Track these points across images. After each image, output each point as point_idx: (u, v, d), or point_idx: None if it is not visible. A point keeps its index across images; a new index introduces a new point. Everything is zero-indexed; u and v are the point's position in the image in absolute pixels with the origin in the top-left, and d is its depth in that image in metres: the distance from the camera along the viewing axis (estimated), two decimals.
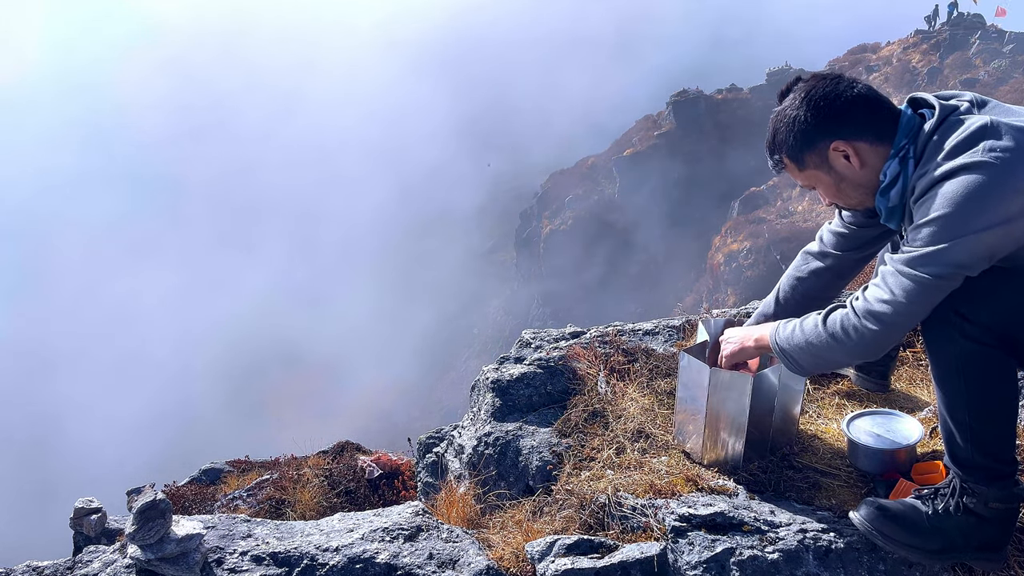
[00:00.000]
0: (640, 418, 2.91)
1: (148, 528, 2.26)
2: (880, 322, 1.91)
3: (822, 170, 2.10)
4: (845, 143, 2.02)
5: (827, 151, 2.05)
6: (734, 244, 38.35)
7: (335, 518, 2.64)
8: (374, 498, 4.98)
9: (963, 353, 1.90)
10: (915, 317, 1.91)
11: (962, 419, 1.95)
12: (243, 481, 5.59)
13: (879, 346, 1.96)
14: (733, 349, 2.46)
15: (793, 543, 2.17)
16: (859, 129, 2.02)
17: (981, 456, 1.96)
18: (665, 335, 3.69)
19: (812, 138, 2.06)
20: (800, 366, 2.14)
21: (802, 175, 2.16)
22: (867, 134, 2.01)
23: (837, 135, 2.03)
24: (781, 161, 2.18)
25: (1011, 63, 35.99)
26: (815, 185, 2.17)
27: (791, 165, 2.16)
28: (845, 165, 2.05)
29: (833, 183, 2.11)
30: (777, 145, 2.16)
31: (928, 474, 2.36)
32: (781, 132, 2.12)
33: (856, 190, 2.10)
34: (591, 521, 2.45)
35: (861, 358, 2.04)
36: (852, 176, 2.06)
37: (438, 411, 41.24)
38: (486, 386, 3.43)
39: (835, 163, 2.06)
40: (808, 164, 2.11)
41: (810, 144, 2.07)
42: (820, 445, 2.68)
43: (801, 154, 2.10)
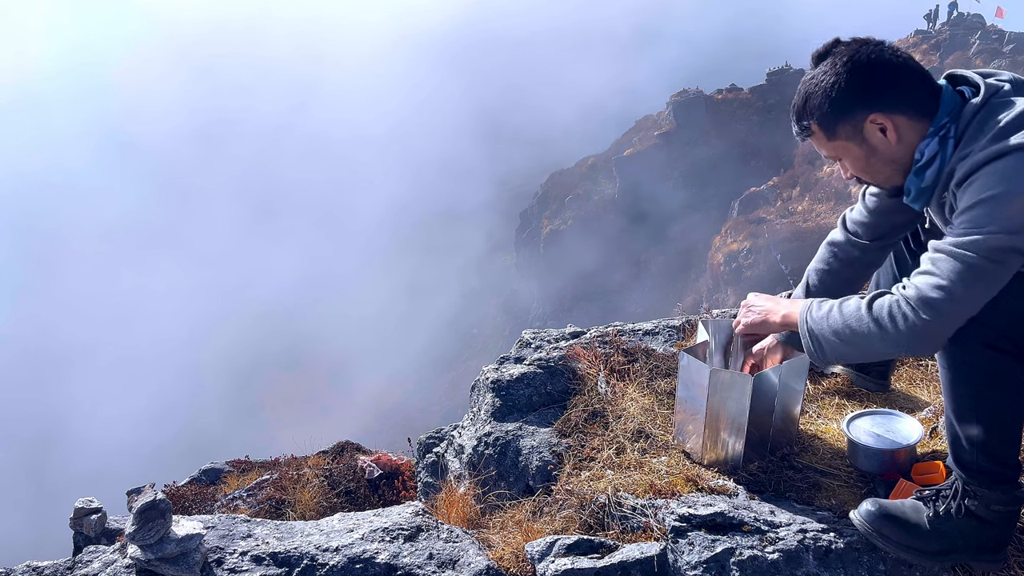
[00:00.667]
0: (640, 418, 2.91)
1: (148, 528, 2.26)
2: (935, 311, 1.77)
3: (854, 142, 1.96)
4: (884, 116, 1.89)
5: (864, 122, 1.92)
6: (734, 244, 38.34)
7: (335, 518, 2.64)
8: (374, 498, 4.98)
9: (976, 358, 1.86)
10: (972, 306, 1.78)
11: (970, 424, 1.93)
12: (243, 481, 5.59)
13: (931, 338, 1.81)
14: (755, 319, 2.32)
15: (793, 543, 2.17)
16: (901, 102, 1.89)
17: (986, 461, 1.94)
18: (665, 335, 3.69)
19: (851, 106, 1.91)
20: (824, 353, 1.99)
21: (830, 145, 2.01)
22: (908, 108, 1.89)
23: (877, 106, 1.89)
24: (809, 128, 2.02)
25: (1011, 63, 35.96)
26: (842, 157, 2.03)
27: (820, 133, 2.01)
28: (881, 139, 1.93)
29: (863, 156, 1.98)
30: (808, 110, 1.99)
31: (928, 474, 2.36)
32: (816, 96, 1.96)
33: (887, 166, 1.98)
34: (591, 521, 2.45)
35: (907, 351, 1.89)
36: (885, 151, 1.94)
37: (438, 411, 41.21)
38: (486, 386, 3.43)
39: (870, 136, 1.93)
40: (840, 134, 1.97)
41: (847, 113, 1.92)
42: (820, 445, 2.68)
43: (834, 123, 1.95)
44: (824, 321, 1.97)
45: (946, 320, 1.78)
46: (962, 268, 1.73)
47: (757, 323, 2.32)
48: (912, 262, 2.62)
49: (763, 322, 2.30)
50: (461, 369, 47.62)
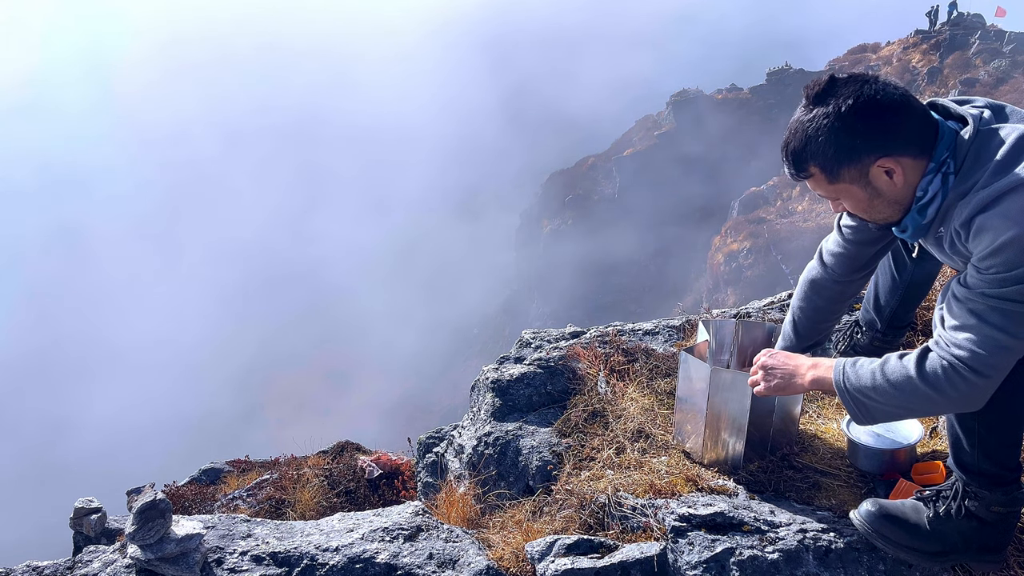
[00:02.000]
0: (640, 418, 2.91)
1: (148, 528, 2.26)
2: (993, 368, 1.73)
3: (858, 185, 1.88)
4: (892, 160, 1.83)
5: (870, 167, 1.84)
6: (734, 244, 38.35)
7: (335, 518, 2.64)
8: (374, 498, 4.98)
9: None
10: (1020, 353, 1.75)
11: (971, 426, 1.93)
12: (243, 481, 5.59)
13: (986, 397, 1.78)
14: (779, 384, 2.18)
15: (793, 543, 2.17)
16: (906, 143, 1.82)
17: (987, 462, 1.94)
18: (665, 335, 3.69)
19: (857, 152, 1.83)
20: (872, 417, 1.92)
21: (831, 188, 1.93)
22: (911, 148, 1.83)
23: (884, 151, 1.82)
24: (808, 170, 1.92)
25: (1011, 63, 35.97)
26: (841, 198, 1.96)
27: (820, 176, 1.91)
28: (887, 183, 1.86)
29: (867, 199, 1.91)
30: (809, 154, 1.88)
31: (928, 474, 2.36)
32: (817, 140, 1.85)
33: (889, 207, 1.92)
34: (591, 521, 2.45)
35: (964, 410, 1.86)
36: (890, 193, 1.88)
37: (438, 411, 41.22)
38: (486, 386, 3.43)
39: (876, 179, 1.86)
40: (843, 178, 1.88)
41: (853, 158, 1.84)
42: (820, 445, 2.68)
43: (838, 167, 1.86)
44: (868, 385, 1.90)
45: (1000, 373, 1.76)
46: (1006, 320, 1.70)
47: (782, 387, 2.18)
48: (910, 263, 2.62)
49: (789, 385, 2.16)
50: (461, 369, 47.63)
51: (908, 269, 2.63)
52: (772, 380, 2.19)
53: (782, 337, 2.74)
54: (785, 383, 2.16)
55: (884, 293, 2.77)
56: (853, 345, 2.99)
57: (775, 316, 3.70)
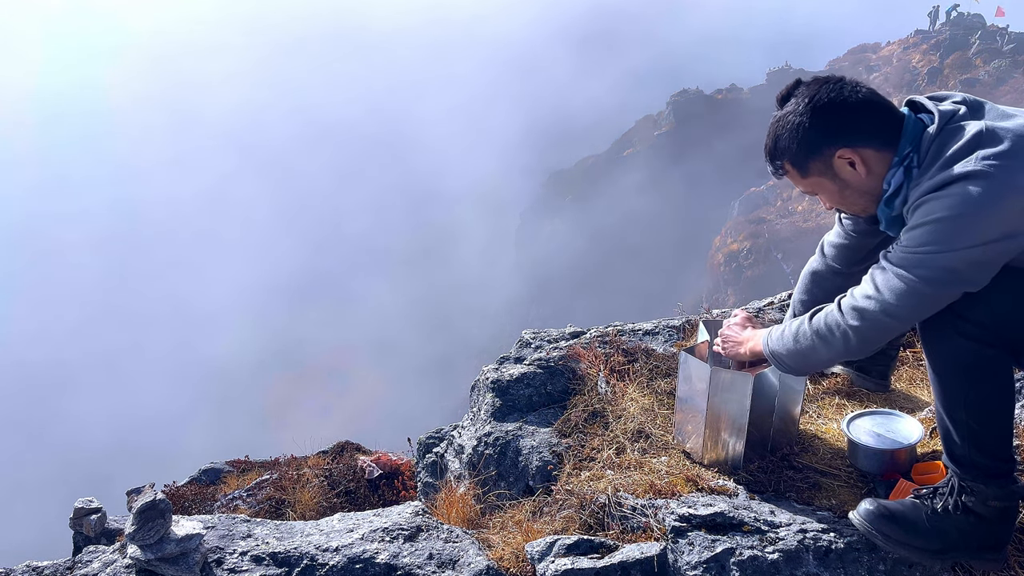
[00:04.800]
0: (640, 418, 2.91)
1: (148, 528, 2.26)
2: (864, 319, 1.91)
3: (826, 177, 2.04)
4: (851, 151, 1.97)
5: (832, 158, 1.99)
6: (734, 244, 38.36)
7: (335, 518, 2.64)
8: (374, 498, 4.98)
9: (960, 351, 1.88)
10: (903, 320, 1.88)
11: (959, 417, 1.94)
12: (243, 481, 5.59)
13: (864, 344, 1.96)
14: (729, 350, 2.55)
15: (793, 543, 2.17)
16: (865, 136, 1.96)
17: (979, 454, 1.95)
18: (665, 335, 3.69)
19: (817, 145, 2.00)
20: (789, 367, 2.19)
21: (805, 182, 2.10)
22: (873, 140, 1.96)
23: (843, 142, 1.97)
24: (783, 167, 2.11)
25: (1011, 63, 36.00)
26: (818, 192, 2.12)
27: (793, 172, 2.10)
28: (851, 173, 2.00)
29: (837, 190, 2.06)
30: (779, 151, 2.09)
31: (928, 474, 2.36)
32: (784, 139, 2.06)
33: (861, 197, 2.05)
34: (591, 521, 2.45)
35: (845, 356, 2.03)
36: (857, 183, 2.01)
37: (438, 411, 41.23)
38: (486, 386, 3.43)
39: (840, 171, 2.01)
40: (812, 171, 2.05)
41: (815, 151, 2.01)
42: (820, 445, 2.67)
43: (805, 161, 2.04)
44: (779, 342, 2.19)
45: (875, 327, 1.91)
46: (896, 284, 1.85)
47: (732, 354, 2.54)
48: None
49: (737, 354, 2.52)
50: (461, 369, 47.63)
51: None
52: (726, 345, 2.57)
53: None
54: (733, 351, 2.53)
55: None
56: None
57: (775, 316, 3.70)
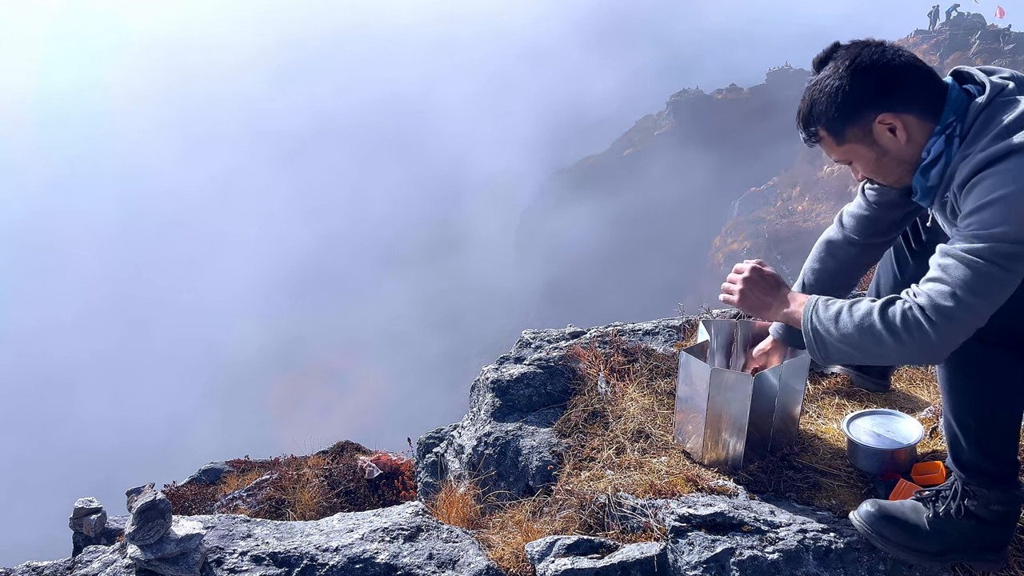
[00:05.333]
0: (640, 418, 2.91)
1: (148, 528, 2.26)
2: (948, 320, 1.72)
3: (863, 144, 1.94)
4: (893, 116, 1.87)
5: (872, 124, 1.90)
6: (734, 244, 38.36)
7: (335, 518, 2.64)
8: (374, 498, 4.98)
9: (972, 356, 1.83)
10: (984, 314, 1.74)
11: (967, 423, 1.92)
12: (243, 481, 5.59)
13: (943, 349, 1.77)
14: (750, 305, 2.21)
15: (793, 543, 2.17)
16: (908, 101, 1.87)
17: (985, 460, 1.94)
18: (665, 335, 3.69)
19: (858, 110, 1.89)
20: (828, 355, 1.94)
21: (839, 149, 1.99)
22: (915, 107, 1.87)
23: (885, 107, 1.87)
24: (817, 134, 2.00)
25: (1011, 63, 35.98)
26: (852, 160, 2.01)
27: (828, 139, 1.98)
28: (890, 139, 1.91)
29: (874, 158, 1.96)
30: (815, 117, 1.97)
31: (928, 474, 2.36)
32: (821, 103, 1.94)
33: (898, 166, 1.96)
34: (591, 521, 2.45)
35: (917, 361, 1.87)
36: (896, 151, 1.92)
37: (438, 411, 41.23)
38: (486, 386, 3.43)
39: (880, 137, 1.91)
40: (849, 138, 1.95)
41: (855, 116, 1.90)
42: (820, 445, 2.67)
43: (843, 127, 1.93)
44: (832, 323, 1.91)
45: (959, 329, 1.74)
46: (973, 275, 1.70)
47: (755, 305, 2.21)
48: (912, 260, 2.61)
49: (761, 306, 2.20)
50: (461, 369, 47.62)
51: (911, 266, 2.61)
52: (746, 299, 2.21)
53: None
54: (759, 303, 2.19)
55: (885, 292, 2.76)
56: None
57: None
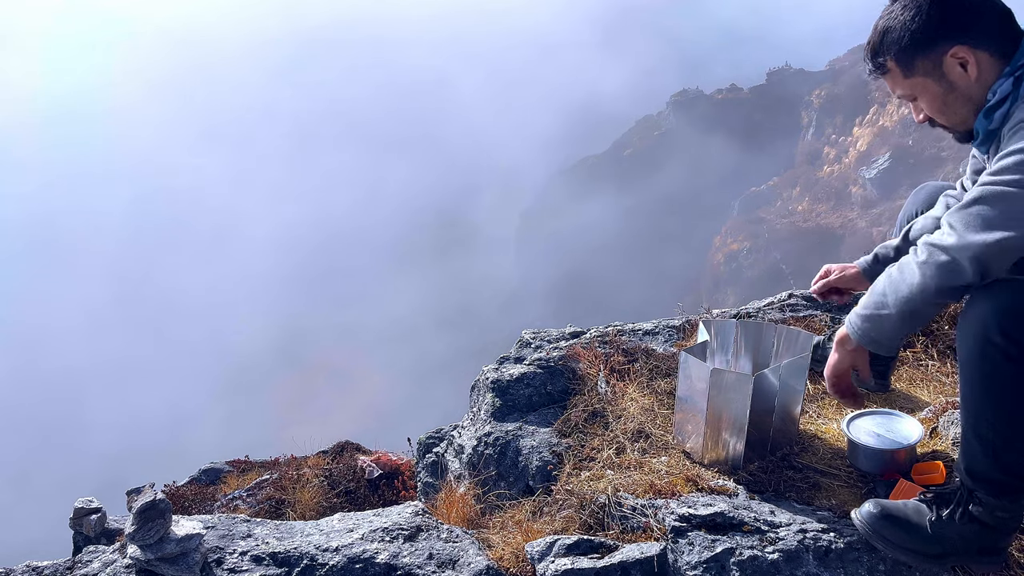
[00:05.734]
0: (640, 418, 2.91)
1: (148, 528, 2.26)
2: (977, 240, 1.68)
3: (932, 78, 1.90)
4: (967, 49, 1.84)
5: (944, 56, 1.86)
6: (734, 244, 38.40)
7: (335, 518, 2.64)
8: (374, 498, 4.98)
9: (1000, 373, 1.79)
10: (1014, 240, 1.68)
11: (986, 436, 1.88)
12: (243, 481, 5.60)
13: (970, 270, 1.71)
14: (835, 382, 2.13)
15: (793, 543, 2.17)
16: (983, 36, 1.84)
17: (999, 472, 1.91)
18: (665, 335, 3.69)
19: (933, 39, 1.86)
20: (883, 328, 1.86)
21: (906, 83, 1.95)
22: (990, 43, 1.84)
23: (960, 39, 1.84)
24: (884, 65, 1.96)
25: None
26: (918, 95, 1.97)
27: (896, 70, 1.95)
28: (960, 75, 1.86)
29: (941, 94, 1.92)
30: (886, 46, 1.93)
31: (928, 474, 2.36)
32: (894, 31, 1.90)
33: (963, 106, 1.91)
34: (591, 521, 2.45)
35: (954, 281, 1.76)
36: (964, 88, 1.88)
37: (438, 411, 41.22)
38: (486, 386, 3.43)
39: (950, 71, 1.87)
40: (918, 70, 1.91)
41: (929, 46, 1.87)
42: (820, 445, 2.67)
43: (913, 57, 1.90)
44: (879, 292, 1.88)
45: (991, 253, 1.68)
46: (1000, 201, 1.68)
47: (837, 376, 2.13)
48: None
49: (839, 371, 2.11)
50: (461, 369, 47.60)
51: None
52: (831, 382, 2.15)
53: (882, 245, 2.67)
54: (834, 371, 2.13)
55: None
56: None
57: (775, 316, 3.70)
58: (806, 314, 3.68)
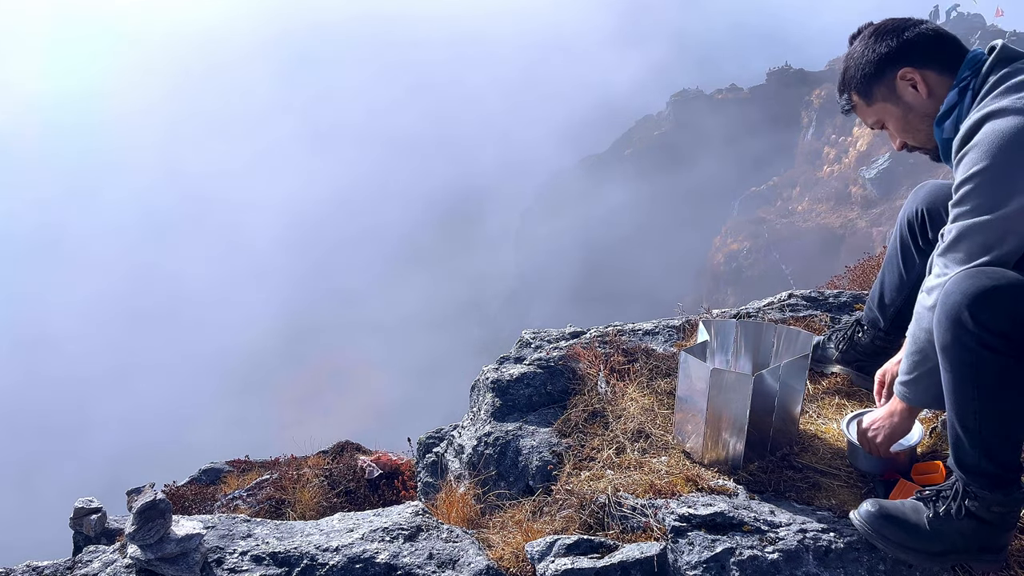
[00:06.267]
0: (640, 418, 2.91)
1: (148, 528, 2.26)
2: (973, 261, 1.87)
3: (890, 102, 2.11)
4: (913, 70, 2.05)
5: (895, 80, 2.07)
6: (734, 244, 38.40)
7: (335, 518, 2.64)
8: (374, 498, 4.98)
9: (978, 361, 1.83)
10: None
11: (972, 426, 1.91)
12: (243, 481, 5.60)
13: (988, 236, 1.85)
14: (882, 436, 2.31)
15: (793, 543, 2.17)
16: (927, 57, 2.04)
17: (988, 463, 1.92)
18: (665, 335, 3.69)
19: (881, 68, 2.08)
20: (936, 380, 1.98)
21: (871, 110, 2.17)
22: (934, 63, 2.04)
23: (905, 61, 2.05)
24: (850, 99, 2.20)
25: None
26: (885, 121, 2.17)
27: (860, 102, 2.18)
28: (913, 94, 2.07)
29: (901, 115, 2.12)
30: (847, 83, 2.18)
31: (928, 474, 2.36)
32: (851, 69, 2.16)
33: (923, 122, 2.10)
34: (591, 521, 2.45)
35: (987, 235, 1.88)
36: (920, 106, 2.07)
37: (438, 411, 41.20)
38: (486, 386, 3.43)
39: (903, 93, 2.08)
40: (876, 97, 2.13)
41: (879, 74, 2.09)
42: (820, 445, 2.67)
43: (870, 87, 2.12)
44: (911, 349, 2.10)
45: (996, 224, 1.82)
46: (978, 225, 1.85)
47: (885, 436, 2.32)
48: (918, 259, 2.60)
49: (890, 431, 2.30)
50: (461, 369, 47.58)
51: (916, 267, 2.61)
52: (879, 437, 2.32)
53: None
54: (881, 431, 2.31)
55: (890, 291, 2.76)
56: (854, 345, 2.98)
57: (775, 316, 3.70)
58: (806, 314, 3.68)
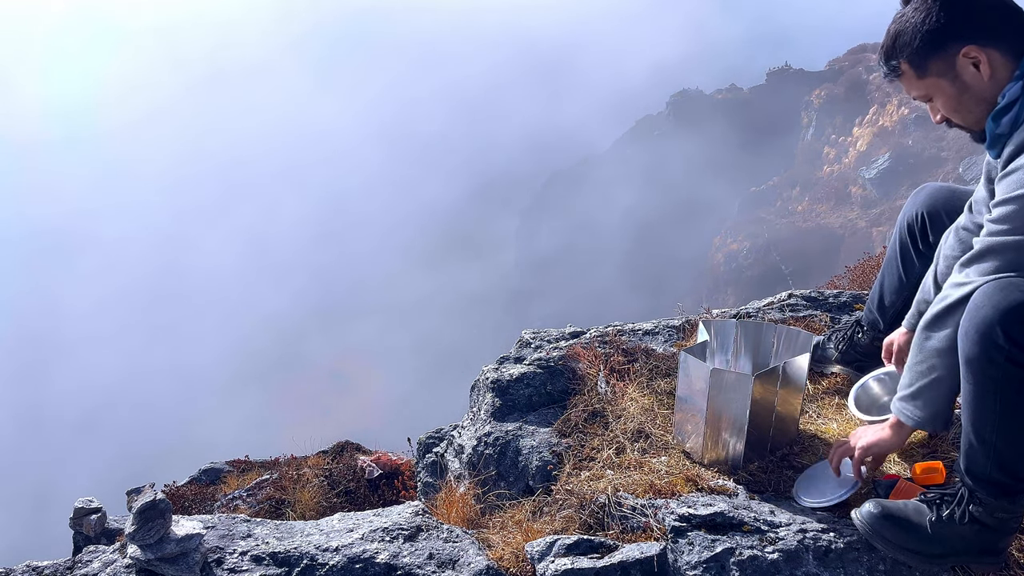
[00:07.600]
0: (640, 418, 2.91)
1: (148, 528, 2.26)
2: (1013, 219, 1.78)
3: (946, 78, 1.92)
4: (979, 49, 1.85)
5: (956, 57, 1.87)
6: (734, 244, 38.40)
7: (335, 518, 2.64)
8: (374, 498, 4.98)
9: (1004, 376, 1.79)
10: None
11: (989, 438, 1.89)
12: (243, 481, 5.60)
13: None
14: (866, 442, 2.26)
15: (793, 543, 2.17)
16: (995, 36, 1.85)
17: (1000, 474, 1.91)
18: (665, 335, 3.69)
19: (942, 40, 1.87)
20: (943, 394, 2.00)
21: (920, 84, 1.97)
22: (1001, 42, 1.84)
23: (971, 39, 1.85)
24: (898, 68, 1.98)
25: None
26: (933, 96, 1.98)
27: (909, 72, 1.97)
28: (973, 75, 1.88)
29: (955, 94, 1.93)
30: (898, 49, 1.96)
31: (929, 474, 2.36)
32: (906, 33, 1.92)
33: (978, 105, 1.92)
34: (591, 521, 2.45)
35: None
36: (978, 88, 1.89)
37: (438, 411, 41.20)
38: (486, 386, 3.43)
39: (963, 71, 1.89)
40: (931, 71, 1.93)
41: (939, 47, 1.88)
42: (820, 445, 2.67)
43: (926, 59, 1.92)
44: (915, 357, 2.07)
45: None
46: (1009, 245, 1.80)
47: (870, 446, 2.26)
48: (918, 262, 2.59)
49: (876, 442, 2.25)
50: (461, 369, 47.57)
51: (916, 268, 2.60)
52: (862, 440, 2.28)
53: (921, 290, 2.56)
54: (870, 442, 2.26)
55: (889, 293, 2.75)
56: (854, 345, 2.98)
57: (775, 316, 3.70)
58: (806, 314, 3.68)
